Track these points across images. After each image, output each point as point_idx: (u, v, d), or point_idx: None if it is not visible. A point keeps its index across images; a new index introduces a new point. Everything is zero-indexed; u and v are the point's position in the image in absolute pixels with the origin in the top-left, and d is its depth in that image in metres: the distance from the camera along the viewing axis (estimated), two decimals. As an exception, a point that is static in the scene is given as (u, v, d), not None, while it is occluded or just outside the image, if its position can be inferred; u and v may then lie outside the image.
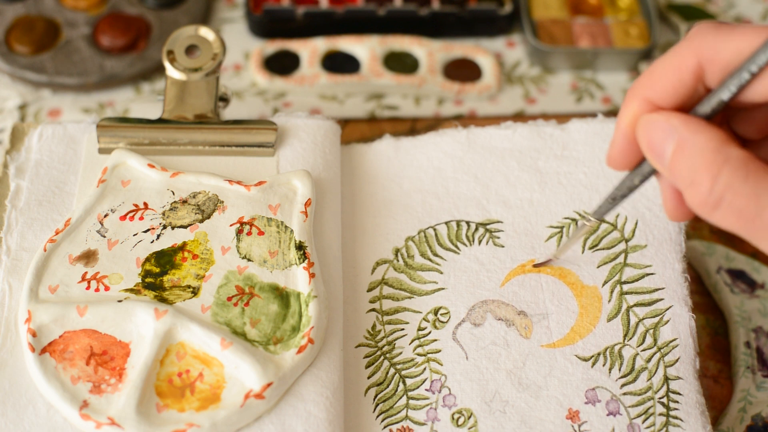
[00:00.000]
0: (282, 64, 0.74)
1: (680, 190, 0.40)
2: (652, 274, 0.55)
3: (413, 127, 0.71)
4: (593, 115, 0.64)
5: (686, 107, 0.42)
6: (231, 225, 0.54)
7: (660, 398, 0.51)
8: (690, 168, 0.39)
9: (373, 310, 0.55)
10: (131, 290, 0.51)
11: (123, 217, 0.54)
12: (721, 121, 0.44)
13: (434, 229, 0.57)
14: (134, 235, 0.53)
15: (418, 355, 0.53)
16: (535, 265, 0.55)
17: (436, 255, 0.56)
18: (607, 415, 0.51)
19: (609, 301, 0.54)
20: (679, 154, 0.39)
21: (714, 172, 0.38)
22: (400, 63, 0.74)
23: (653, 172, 0.44)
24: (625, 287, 0.55)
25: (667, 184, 0.44)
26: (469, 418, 0.51)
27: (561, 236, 0.56)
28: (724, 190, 0.38)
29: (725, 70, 0.40)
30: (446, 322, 0.54)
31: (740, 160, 0.38)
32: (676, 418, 0.51)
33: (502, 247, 0.56)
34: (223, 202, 0.55)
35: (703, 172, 0.38)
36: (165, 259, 0.52)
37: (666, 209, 0.45)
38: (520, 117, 0.71)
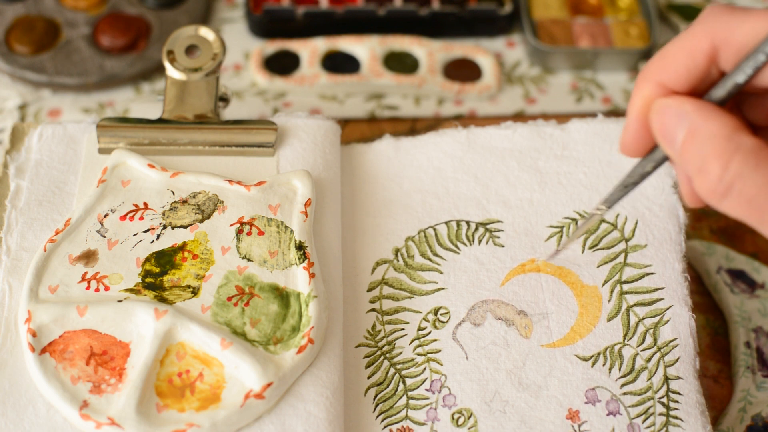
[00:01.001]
0: (282, 64, 0.74)
1: (690, 177, 0.39)
2: (652, 273, 0.55)
3: (413, 127, 0.71)
4: (593, 115, 0.64)
5: (699, 90, 0.41)
6: (231, 225, 0.54)
7: (660, 398, 0.51)
8: (700, 155, 0.38)
9: (373, 310, 0.55)
10: (131, 290, 0.51)
11: (123, 217, 0.54)
12: (732, 107, 0.43)
13: (434, 229, 0.57)
14: (134, 235, 0.53)
15: (418, 355, 0.53)
16: (549, 258, 0.55)
17: (436, 255, 0.56)
18: (607, 415, 0.51)
19: (609, 300, 0.54)
20: (690, 140, 0.39)
21: (724, 161, 0.37)
22: (400, 63, 0.74)
23: (666, 158, 0.43)
24: (625, 287, 0.55)
25: (682, 170, 0.43)
26: (469, 418, 0.51)
27: (561, 236, 0.56)
28: (734, 179, 0.37)
29: (740, 53, 0.39)
30: (446, 322, 0.54)
31: (752, 149, 0.37)
32: (676, 418, 0.51)
33: (502, 246, 0.56)
34: (223, 202, 0.54)
35: (713, 159, 0.37)
36: (165, 259, 0.52)
37: (683, 195, 0.44)
38: (520, 117, 0.71)
